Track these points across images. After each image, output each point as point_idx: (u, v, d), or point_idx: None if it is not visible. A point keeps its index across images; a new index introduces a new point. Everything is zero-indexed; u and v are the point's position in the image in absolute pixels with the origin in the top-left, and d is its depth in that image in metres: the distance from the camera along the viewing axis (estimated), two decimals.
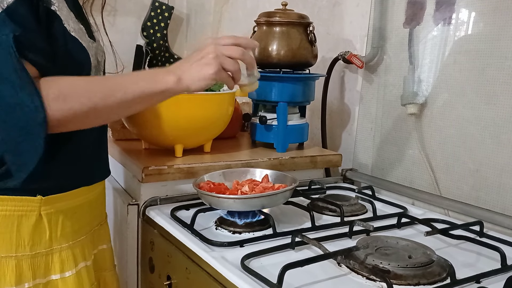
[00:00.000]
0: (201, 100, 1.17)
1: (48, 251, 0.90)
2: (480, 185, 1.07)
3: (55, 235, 0.90)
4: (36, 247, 0.88)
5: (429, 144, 1.19)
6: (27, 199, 0.86)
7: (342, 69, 1.45)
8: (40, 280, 0.89)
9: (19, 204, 0.86)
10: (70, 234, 0.92)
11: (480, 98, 1.07)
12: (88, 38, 0.91)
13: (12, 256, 0.86)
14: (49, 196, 0.89)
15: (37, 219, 0.88)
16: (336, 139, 1.49)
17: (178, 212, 1.05)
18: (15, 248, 0.86)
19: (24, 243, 0.86)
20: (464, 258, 0.88)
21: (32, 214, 0.87)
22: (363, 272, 0.78)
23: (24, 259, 0.87)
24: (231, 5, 2.06)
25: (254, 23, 1.37)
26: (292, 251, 0.87)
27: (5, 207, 0.85)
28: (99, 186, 1.02)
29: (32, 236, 0.87)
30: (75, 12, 0.90)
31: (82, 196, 0.95)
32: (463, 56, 1.10)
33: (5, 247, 0.85)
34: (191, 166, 1.15)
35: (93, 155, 0.98)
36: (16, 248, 0.86)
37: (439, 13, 1.15)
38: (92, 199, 0.99)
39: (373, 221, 1.02)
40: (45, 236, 0.89)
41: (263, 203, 0.95)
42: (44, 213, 0.88)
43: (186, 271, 0.92)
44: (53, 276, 0.90)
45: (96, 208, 1.01)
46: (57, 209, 0.90)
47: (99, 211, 1.04)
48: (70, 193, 0.92)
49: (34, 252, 0.88)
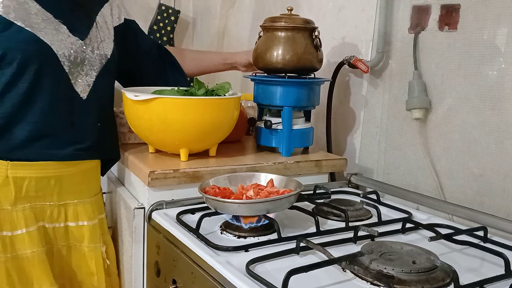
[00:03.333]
0: (207, 104, 1.17)
1: (13, 208, 1.10)
2: (485, 190, 1.08)
3: (19, 196, 1.10)
4: (3, 204, 1.09)
5: (433, 149, 1.19)
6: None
7: (347, 74, 1.46)
8: (7, 233, 1.09)
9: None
10: (33, 197, 1.12)
11: (485, 104, 1.07)
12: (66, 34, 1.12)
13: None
14: (16, 161, 1.09)
15: (4, 180, 1.09)
16: (341, 144, 1.49)
17: (184, 216, 1.06)
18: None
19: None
20: (468, 263, 0.88)
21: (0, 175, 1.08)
22: (368, 277, 0.78)
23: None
24: (236, 9, 2.07)
25: (260, 27, 1.38)
26: (296, 256, 0.87)
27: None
28: (74, 165, 1.17)
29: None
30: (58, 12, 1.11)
31: (50, 169, 1.13)
32: (468, 61, 1.11)
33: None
34: (196, 170, 1.16)
35: (62, 135, 1.13)
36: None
37: (444, 18, 1.16)
38: (64, 175, 1.16)
39: (377, 226, 1.02)
40: (11, 195, 1.09)
41: (268, 208, 0.95)
42: (11, 176, 1.09)
43: (192, 275, 0.93)
44: (19, 231, 1.10)
45: (69, 185, 1.17)
46: (23, 175, 1.10)
47: (76, 189, 1.19)
48: (36, 163, 1.11)
49: (1, 208, 1.09)
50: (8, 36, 1.04)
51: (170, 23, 2.27)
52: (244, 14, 2.02)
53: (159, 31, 2.27)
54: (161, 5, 2.26)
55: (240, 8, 2.05)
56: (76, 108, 1.15)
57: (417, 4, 1.22)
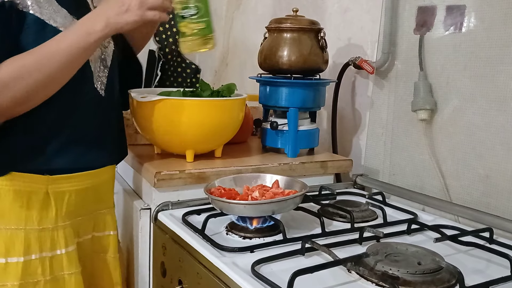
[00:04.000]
0: (212, 106, 1.18)
1: (54, 227, 1.00)
2: (491, 192, 1.07)
3: (60, 213, 1.01)
4: (44, 222, 0.99)
5: (439, 150, 1.19)
6: (36, 176, 0.97)
7: (352, 75, 1.46)
8: (46, 253, 0.99)
9: (28, 181, 0.96)
10: (72, 213, 1.03)
11: (491, 105, 1.07)
12: None
13: (22, 229, 0.96)
14: (56, 176, 0.99)
15: (45, 196, 0.98)
16: (347, 145, 1.49)
17: (190, 217, 1.06)
18: (25, 221, 0.97)
19: (33, 218, 0.97)
20: (473, 265, 0.88)
21: (40, 191, 0.98)
22: (373, 278, 0.78)
23: (32, 233, 0.97)
24: (242, 11, 2.08)
25: (265, 29, 1.38)
26: (302, 257, 0.88)
27: (17, 182, 0.95)
28: (106, 173, 1.11)
29: (40, 212, 0.98)
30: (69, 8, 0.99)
31: (87, 180, 1.06)
32: (473, 62, 1.10)
33: (16, 220, 0.96)
34: (202, 171, 1.16)
35: (94, 141, 1.06)
36: (25, 222, 0.97)
37: (449, 19, 1.16)
38: (98, 184, 1.09)
39: (383, 228, 1.02)
40: (52, 213, 1.00)
41: (273, 209, 0.96)
42: (52, 191, 0.99)
43: (197, 276, 0.93)
44: (58, 251, 1.01)
45: (102, 193, 1.11)
46: (64, 190, 1.01)
47: (106, 197, 1.13)
48: (75, 175, 1.03)
49: (41, 227, 0.98)
50: (46, 38, 0.92)
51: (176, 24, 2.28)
52: (249, 15, 2.03)
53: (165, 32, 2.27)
54: None
55: (245, 9, 2.06)
56: (98, 106, 1.07)
57: (422, 5, 1.22)
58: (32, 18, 0.92)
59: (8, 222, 0.95)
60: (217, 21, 2.27)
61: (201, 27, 1.03)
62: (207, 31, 1.05)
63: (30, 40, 0.92)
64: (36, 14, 0.93)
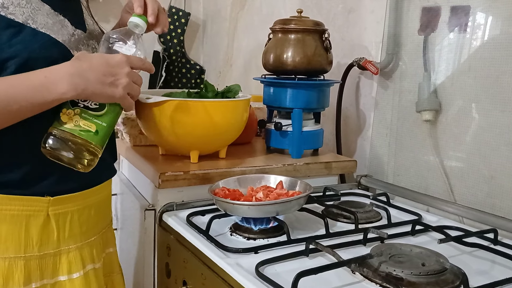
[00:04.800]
0: (216, 107, 1.18)
1: (56, 252, 0.91)
2: (495, 192, 1.07)
3: (63, 236, 0.91)
4: (44, 248, 0.89)
5: (444, 150, 1.19)
6: (35, 199, 0.87)
7: (357, 75, 1.46)
8: (48, 280, 0.90)
9: (27, 204, 0.86)
10: (78, 235, 0.93)
11: (495, 105, 1.07)
12: (72, 29, 0.90)
13: (21, 257, 0.87)
14: (57, 196, 0.89)
15: (45, 219, 0.88)
16: (351, 145, 1.49)
17: (194, 217, 1.07)
18: (24, 248, 0.87)
19: (33, 243, 0.88)
20: (478, 266, 0.88)
21: (40, 214, 0.88)
22: (377, 279, 0.78)
23: (32, 259, 0.88)
24: (246, 11, 2.08)
25: (270, 30, 1.38)
26: (306, 258, 0.88)
27: (14, 207, 0.85)
28: (106, 188, 1.03)
29: (40, 236, 0.88)
30: (52, 4, 0.88)
31: (90, 198, 0.96)
32: (478, 63, 1.10)
33: (14, 247, 0.86)
34: (206, 172, 1.16)
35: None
36: (25, 248, 0.87)
37: (454, 20, 1.16)
38: (101, 201, 1.00)
39: (387, 228, 1.02)
40: (53, 236, 0.90)
41: (277, 210, 0.96)
42: (52, 213, 0.89)
43: (202, 276, 0.93)
44: (60, 277, 0.91)
45: (103, 210, 1.03)
46: (65, 210, 0.91)
47: (107, 213, 1.05)
48: (78, 194, 0.93)
49: (42, 253, 0.89)
50: (23, 41, 0.81)
51: (181, 25, 2.29)
52: (254, 16, 2.03)
53: (170, 33, 2.28)
54: (172, 8, 2.28)
55: (250, 10, 2.06)
56: None
57: (426, 5, 1.22)
58: (5, 21, 0.81)
59: (5, 251, 0.85)
60: (221, 22, 2.28)
61: (89, 128, 0.83)
62: (95, 138, 0.83)
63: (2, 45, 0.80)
64: (9, 15, 0.81)
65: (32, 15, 0.84)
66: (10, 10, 0.82)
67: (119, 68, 0.84)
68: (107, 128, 0.85)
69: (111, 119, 0.86)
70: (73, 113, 0.82)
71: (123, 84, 0.83)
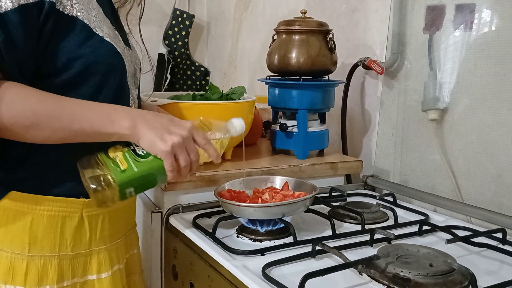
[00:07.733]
0: (222, 108, 1.18)
1: (87, 252, 0.94)
2: (503, 191, 1.06)
3: (94, 237, 0.94)
4: (77, 248, 0.92)
5: (450, 150, 1.18)
6: (71, 200, 0.90)
7: (362, 75, 1.46)
8: (78, 279, 0.93)
9: (64, 205, 0.90)
10: (107, 237, 0.96)
11: (502, 104, 1.06)
12: (123, 45, 0.94)
13: (55, 256, 0.90)
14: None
15: (79, 220, 0.91)
16: (357, 146, 1.49)
17: (200, 220, 1.07)
18: (58, 247, 0.90)
19: (67, 243, 0.91)
20: (486, 266, 0.87)
21: (75, 215, 0.91)
22: (384, 280, 0.78)
23: (65, 259, 0.91)
24: (250, 13, 2.08)
25: (274, 31, 1.38)
26: (313, 260, 0.87)
27: (51, 207, 0.89)
28: None
29: (74, 236, 0.92)
30: (112, 19, 0.93)
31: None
32: (484, 61, 1.10)
33: (49, 246, 0.90)
34: (212, 174, 1.16)
35: None
36: (59, 248, 0.90)
37: (459, 18, 1.15)
38: (127, 204, 1.01)
39: (394, 229, 1.02)
40: (85, 237, 0.93)
41: (283, 211, 0.96)
42: (86, 215, 0.92)
43: (208, 279, 0.93)
44: (90, 277, 0.94)
45: (129, 213, 1.05)
46: (97, 212, 0.93)
47: (132, 216, 1.07)
48: None
49: (75, 252, 0.92)
50: (92, 46, 0.85)
51: (185, 27, 2.29)
52: (257, 17, 2.03)
53: (174, 36, 2.29)
54: (176, 10, 2.28)
55: (253, 11, 2.06)
56: None
57: (431, 4, 1.21)
58: (81, 24, 0.84)
59: (41, 249, 0.89)
60: (225, 24, 2.28)
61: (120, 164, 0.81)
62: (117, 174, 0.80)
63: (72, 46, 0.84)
64: (85, 20, 0.85)
65: (100, 24, 0.88)
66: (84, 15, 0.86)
67: (179, 128, 0.83)
68: (136, 176, 0.81)
69: (146, 170, 0.82)
70: (120, 148, 0.83)
71: (173, 141, 0.81)
